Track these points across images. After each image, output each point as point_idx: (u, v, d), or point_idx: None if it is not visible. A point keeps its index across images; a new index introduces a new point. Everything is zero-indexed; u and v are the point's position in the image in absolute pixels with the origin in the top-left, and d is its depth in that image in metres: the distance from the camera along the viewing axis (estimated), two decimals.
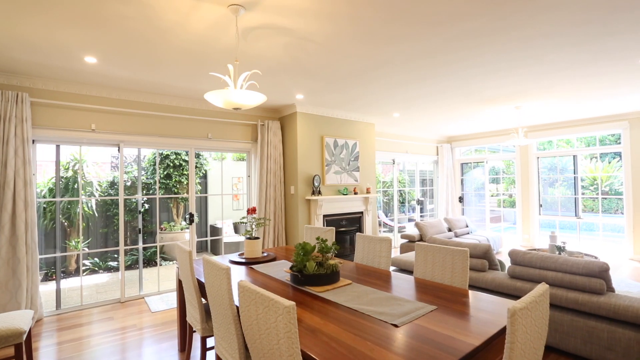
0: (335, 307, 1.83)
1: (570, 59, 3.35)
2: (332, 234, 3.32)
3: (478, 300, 1.93)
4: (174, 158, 7.03)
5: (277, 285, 2.26)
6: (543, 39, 2.88)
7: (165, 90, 4.22)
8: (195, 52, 3.06)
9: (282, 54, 3.15)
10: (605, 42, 2.98)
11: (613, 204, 10.10)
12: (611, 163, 10.91)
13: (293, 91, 4.41)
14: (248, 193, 5.49)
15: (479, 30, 2.70)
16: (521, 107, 5.44)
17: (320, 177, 5.38)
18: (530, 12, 2.42)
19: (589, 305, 2.55)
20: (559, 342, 2.70)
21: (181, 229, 7.04)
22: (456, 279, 2.31)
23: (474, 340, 1.44)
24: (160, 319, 3.63)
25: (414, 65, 3.47)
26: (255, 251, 3.05)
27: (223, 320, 1.86)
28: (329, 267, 2.22)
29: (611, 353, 2.44)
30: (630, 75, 3.89)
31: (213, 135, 4.91)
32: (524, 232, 7.47)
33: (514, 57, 3.30)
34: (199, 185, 7.65)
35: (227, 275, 1.76)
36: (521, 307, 1.19)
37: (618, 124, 6.17)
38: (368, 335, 1.48)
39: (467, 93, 4.55)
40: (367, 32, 2.72)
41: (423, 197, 8.65)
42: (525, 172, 7.48)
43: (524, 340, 1.21)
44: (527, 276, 2.96)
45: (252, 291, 1.42)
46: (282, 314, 1.25)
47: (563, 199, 8.12)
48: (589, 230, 7.87)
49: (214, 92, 2.27)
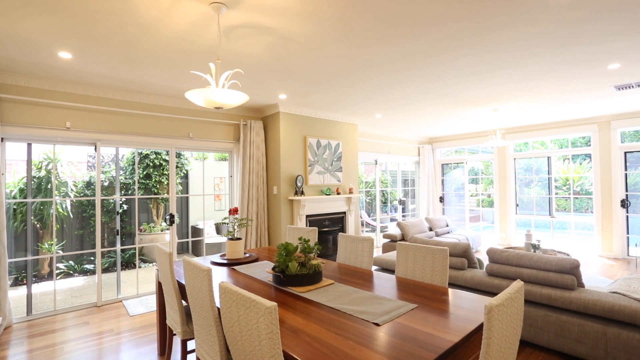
0: (317, 307, 1.83)
1: (544, 64, 3.48)
2: (315, 234, 3.32)
3: (457, 298, 1.97)
4: (153, 158, 6.87)
5: (259, 286, 2.24)
6: (518, 45, 2.98)
7: (144, 88, 4.12)
8: (176, 49, 3.00)
9: (264, 54, 3.13)
10: (577, 50, 3.11)
11: (584, 203, 10.56)
12: (582, 164, 11.40)
13: (276, 91, 4.39)
14: (230, 193, 5.43)
15: (458, 34, 2.76)
16: (499, 110, 5.61)
17: (303, 177, 5.38)
18: (508, 18, 2.50)
19: (561, 301, 2.66)
20: (533, 337, 2.79)
21: (161, 230, 6.89)
22: (436, 277, 2.35)
23: (453, 337, 1.48)
24: (139, 322, 3.54)
25: (395, 66, 3.52)
26: (237, 252, 3.02)
27: (204, 323, 1.84)
28: (311, 267, 2.22)
29: (581, 345, 2.55)
30: (599, 80, 4.07)
31: (194, 135, 4.83)
32: (501, 231, 7.70)
33: (492, 62, 3.39)
34: (179, 185, 7.50)
35: (208, 276, 1.74)
36: (497, 303, 1.23)
37: (588, 127, 6.45)
38: (350, 335, 1.50)
39: (447, 95, 4.65)
40: (349, 33, 2.74)
41: (405, 197, 8.79)
42: (502, 172, 7.71)
43: (500, 335, 1.25)
44: (504, 274, 3.05)
45: (233, 292, 1.41)
46: (264, 314, 1.24)
47: (538, 198, 8.41)
48: (562, 229, 8.19)
49: (195, 90, 2.24)
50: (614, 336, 2.41)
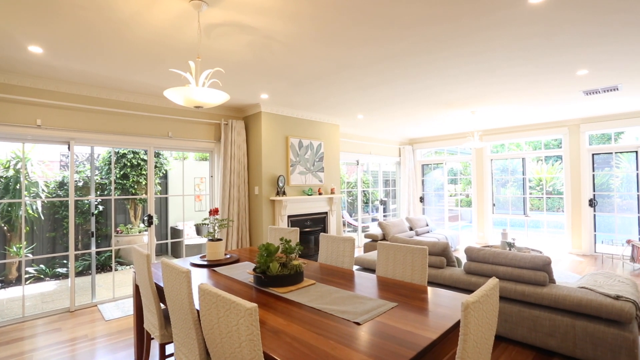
0: (298, 308, 1.83)
1: (519, 69, 3.61)
2: (296, 234, 3.32)
3: (436, 296, 2.02)
4: (131, 157, 6.67)
5: (240, 287, 2.22)
6: (496, 50, 3.07)
7: (121, 85, 4.00)
8: (154, 46, 2.93)
9: (246, 53, 3.10)
10: (549, 56, 3.24)
11: (556, 202, 11.00)
12: (554, 165, 11.88)
13: (258, 91, 4.36)
14: (211, 194, 5.35)
15: (438, 37, 2.83)
16: (476, 112, 5.77)
17: (285, 177, 5.36)
18: (486, 24, 2.58)
19: (534, 296, 2.76)
20: (508, 332, 2.89)
21: (139, 231, 6.70)
22: (416, 276, 2.40)
23: (431, 334, 1.51)
24: (116, 327, 3.44)
25: (377, 68, 3.57)
26: (217, 253, 2.98)
27: (183, 326, 1.80)
28: (292, 267, 2.22)
29: (552, 339, 2.66)
30: (569, 85, 4.25)
31: (174, 134, 4.73)
32: (479, 230, 7.92)
33: (469, 65, 3.49)
34: (158, 185, 7.32)
35: (187, 278, 1.71)
36: (474, 300, 1.26)
37: (560, 130, 6.73)
38: (331, 334, 1.51)
39: (427, 96, 4.75)
40: (331, 34, 2.76)
41: (386, 197, 8.90)
42: (480, 173, 7.93)
43: (476, 331, 1.29)
44: (481, 271, 3.14)
45: (213, 294, 1.39)
46: (244, 316, 1.23)
47: (513, 198, 8.71)
48: (536, 227, 8.51)
49: (174, 89, 2.19)
50: (582, 329, 2.53)
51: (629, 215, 6.35)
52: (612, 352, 2.40)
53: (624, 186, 7.24)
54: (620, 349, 2.37)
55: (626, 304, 2.40)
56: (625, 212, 6.44)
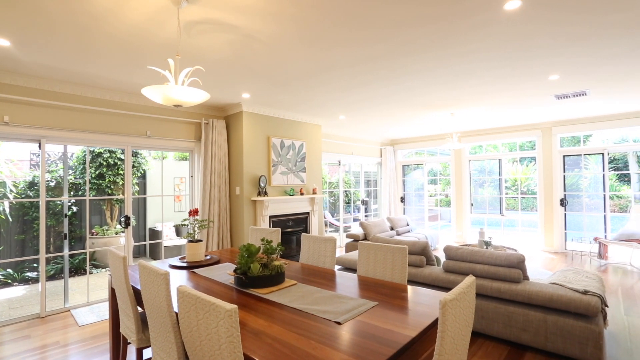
0: (280, 308, 1.83)
1: (495, 73, 3.73)
2: (278, 234, 3.31)
3: (416, 295, 2.06)
4: (107, 156, 6.46)
5: (220, 289, 2.19)
6: (473, 54, 3.16)
7: (97, 82, 3.87)
8: (132, 43, 2.85)
9: (227, 51, 3.07)
10: (523, 61, 3.36)
11: (530, 202, 11.42)
12: (528, 166, 12.33)
13: (239, 90, 4.31)
14: (191, 194, 5.25)
15: (419, 40, 2.88)
16: (455, 114, 5.91)
17: (267, 177, 5.33)
18: (464, 27, 2.65)
19: (509, 293, 2.86)
20: (484, 328, 2.98)
21: (116, 233, 6.50)
22: (396, 275, 2.44)
23: (411, 332, 1.54)
24: (90, 332, 3.32)
25: (359, 69, 3.60)
26: (197, 254, 2.93)
27: (161, 329, 1.76)
28: (273, 268, 2.21)
29: (525, 333, 2.76)
30: (541, 89, 4.43)
31: (152, 133, 4.61)
32: (457, 229, 8.12)
33: (449, 67, 3.58)
34: (136, 185, 7.12)
35: (166, 280, 1.67)
36: (451, 298, 1.30)
37: (533, 132, 6.99)
38: (312, 334, 1.51)
39: (408, 98, 4.83)
40: (313, 35, 2.76)
41: (368, 198, 8.99)
42: (459, 174, 8.13)
43: (453, 328, 1.32)
44: (459, 269, 3.22)
45: (192, 296, 1.37)
46: (224, 318, 1.22)
47: (490, 198, 8.97)
48: (511, 226, 8.80)
49: (152, 87, 2.14)
50: (553, 323, 2.63)
51: (596, 214, 6.66)
52: (580, 344, 2.52)
53: (592, 186, 7.60)
54: (588, 341, 2.49)
55: (593, 298, 2.52)
56: (593, 211, 6.76)
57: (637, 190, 10.15)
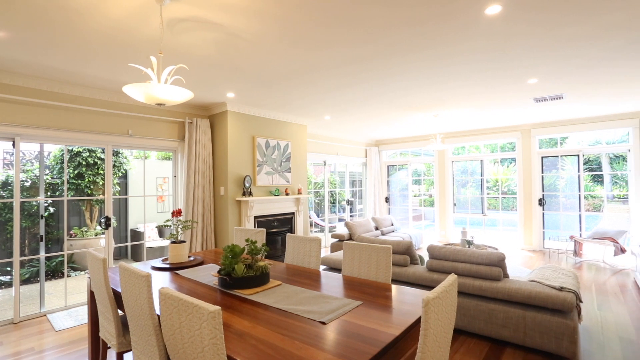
0: (264, 309, 1.82)
1: (477, 75, 3.81)
2: (263, 235, 3.29)
3: (400, 294, 2.08)
4: (87, 156, 6.27)
5: (204, 290, 2.16)
6: (455, 56, 3.23)
7: (76, 79, 3.76)
8: (113, 39, 2.78)
9: (211, 50, 3.03)
10: (503, 64, 3.45)
11: (510, 202, 11.73)
12: (509, 167, 12.67)
13: (223, 89, 4.27)
14: (174, 194, 5.16)
15: (403, 41, 2.92)
16: (439, 115, 6.01)
17: (252, 177, 5.30)
18: (446, 30, 2.70)
19: (490, 291, 2.93)
20: (467, 325, 3.04)
21: (96, 234, 6.32)
22: (380, 274, 2.46)
23: (394, 330, 1.56)
24: (67, 337, 3.22)
25: (344, 70, 3.62)
26: (180, 256, 2.88)
27: (142, 332, 1.73)
28: (258, 268, 2.20)
29: (505, 330, 2.84)
30: (521, 91, 4.56)
31: (134, 132, 4.51)
32: (441, 228, 8.26)
33: (431, 68, 3.64)
34: (117, 186, 6.94)
35: (147, 282, 1.64)
36: (433, 296, 1.32)
37: (513, 134, 7.18)
38: (296, 335, 1.51)
39: (393, 99, 4.88)
40: (298, 35, 2.76)
41: (353, 198, 9.04)
42: (442, 174, 8.28)
43: (436, 326, 1.35)
44: (443, 268, 3.28)
45: (174, 298, 1.35)
46: (207, 319, 1.21)
47: (473, 198, 9.17)
48: (492, 225, 9.01)
49: (134, 85, 2.10)
50: (531, 319, 2.72)
51: (572, 213, 6.90)
52: (556, 338, 2.60)
53: (568, 187, 7.87)
54: (563, 335, 2.58)
55: (568, 294, 2.61)
56: (569, 211, 7.00)
57: (609, 191, 10.57)
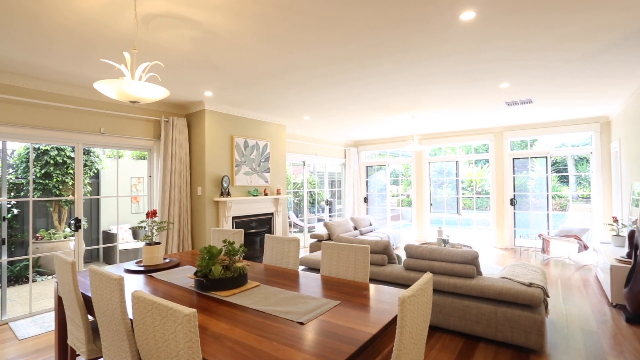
0: (242, 311, 1.80)
1: (452, 79, 3.93)
2: (241, 235, 3.26)
3: (378, 293, 2.11)
4: (55, 154, 5.99)
5: (180, 292, 2.12)
6: (432, 59, 3.31)
7: (42, 73, 3.58)
8: (83, 33, 2.67)
9: (188, 48, 2.97)
10: (476, 68, 3.57)
11: (484, 202, 12.12)
12: (483, 168, 13.10)
13: (201, 88, 4.19)
14: (149, 195, 5.01)
15: (381, 44, 2.96)
16: (416, 117, 6.14)
17: (230, 177, 5.22)
18: (421, 31, 2.76)
19: (464, 288, 3.02)
20: (442, 322, 3.12)
21: (64, 236, 6.04)
22: (358, 274, 2.49)
23: (372, 329, 1.58)
24: (32, 346, 3.06)
25: (322, 71, 3.63)
26: (155, 258, 2.81)
27: (114, 338, 1.67)
28: (236, 270, 2.18)
29: (478, 325, 2.93)
30: (493, 96, 4.73)
31: (107, 130, 4.35)
32: (418, 228, 8.43)
33: (411, 69, 3.71)
34: (88, 186, 6.67)
35: (120, 286, 1.59)
36: (409, 295, 1.35)
37: (487, 136, 7.44)
38: (274, 336, 1.50)
39: (371, 100, 4.94)
40: (276, 35, 2.75)
41: (332, 198, 9.08)
42: (419, 175, 8.45)
43: (412, 323, 1.38)
44: (419, 267, 3.35)
45: (148, 301, 1.31)
46: (182, 323, 1.18)
47: (448, 198, 9.43)
48: (467, 225, 9.30)
49: (106, 81, 2.02)
50: (502, 314, 2.82)
51: (541, 213, 7.22)
52: (525, 332, 2.72)
53: (538, 187, 8.24)
54: (531, 329, 2.70)
55: (536, 290, 2.73)
56: (538, 210, 7.32)
57: (574, 191, 11.13)
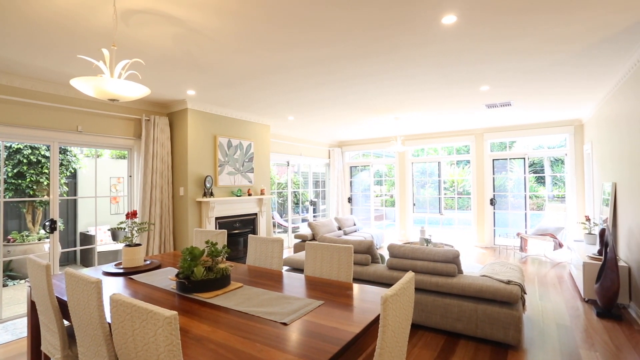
0: (225, 312, 1.78)
1: (434, 81, 4.00)
2: (224, 236, 3.22)
3: (361, 292, 2.13)
4: (29, 153, 5.76)
5: (161, 295, 2.08)
6: (415, 59, 3.36)
7: (14, 68, 3.44)
8: (60, 28, 2.58)
9: (170, 45, 2.91)
10: (458, 71, 3.64)
11: (465, 202, 12.40)
12: (464, 169, 13.39)
13: (184, 86, 4.12)
14: (130, 195, 4.89)
15: (366, 45, 2.99)
16: (400, 118, 6.22)
17: (213, 178, 5.16)
18: (408, 37, 2.80)
19: (445, 287, 3.08)
20: (424, 320, 3.18)
21: (39, 239, 5.81)
22: (342, 274, 2.50)
23: (355, 328, 1.59)
24: (2, 354, 2.93)
25: (306, 71, 3.63)
26: (135, 260, 2.74)
27: (92, 343, 1.62)
28: (219, 271, 2.15)
29: (459, 323, 3.00)
30: (474, 99, 4.84)
31: (85, 129, 4.21)
32: (401, 228, 8.54)
33: (393, 72, 3.76)
34: (65, 186, 6.44)
35: (98, 289, 1.54)
36: (392, 294, 1.37)
37: (468, 138, 7.61)
38: (257, 337, 1.50)
39: (354, 101, 4.98)
40: (257, 34, 2.73)
41: (316, 198, 9.09)
42: (402, 175, 8.56)
43: (394, 322, 1.39)
44: (402, 266, 3.40)
45: (126, 304, 1.28)
46: (162, 325, 1.16)
47: (431, 198, 9.58)
48: (449, 224, 9.48)
49: (83, 78, 1.96)
50: (482, 311, 2.90)
51: (519, 212, 7.44)
52: (504, 328, 2.80)
53: (516, 187, 8.48)
54: (510, 325, 2.78)
55: (514, 287, 2.82)
56: (517, 210, 7.54)
57: (550, 191, 11.53)
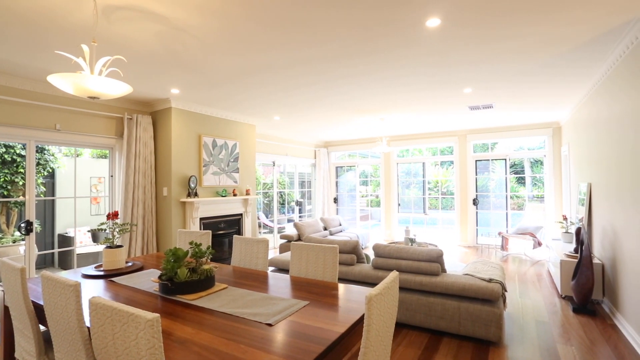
0: (209, 314, 1.76)
1: (419, 82, 4.05)
2: (208, 237, 3.18)
3: (347, 292, 2.14)
4: (2, 152, 5.56)
5: (143, 297, 2.03)
6: (399, 61, 3.40)
7: None
8: (37, 22, 2.50)
9: (153, 43, 2.86)
10: (442, 73, 3.71)
11: (449, 202, 12.62)
12: (448, 169, 13.63)
13: (167, 85, 4.04)
14: (111, 195, 4.77)
15: (352, 46, 3.01)
16: (385, 119, 6.28)
17: (197, 178, 5.09)
18: (394, 38, 2.83)
19: (429, 285, 3.13)
20: (409, 319, 3.22)
21: (14, 241, 5.62)
22: (327, 274, 2.51)
23: (340, 328, 1.60)
24: None
25: (291, 72, 3.63)
26: (116, 261, 2.68)
27: (70, 348, 1.58)
28: (203, 272, 2.12)
29: (443, 321, 3.05)
30: (458, 100, 4.94)
31: (63, 127, 4.09)
32: (386, 227, 8.62)
33: (378, 73, 3.79)
34: (42, 186, 6.23)
35: (76, 292, 1.50)
36: (376, 293, 1.38)
37: (452, 139, 7.74)
38: (242, 338, 1.49)
39: (340, 101, 5.00)
40: (240, 33, 2.71)
41: (302, 198, 9.08)
42: (388, 175, 8.65)
43: (378, 321, 1.41)
44: (387, 266, 3.43)
45: (106, 307, 1.25)
46: (144, 328, 1.14)
47: (415, 198, 9.71)
48: (433, 224, 9.63)
49: (61, 74, 1.90)
50: (465, 309, 2.95)
51: (501, 212, 7.63)
52: (486, 325, 2.86)
53: (498, 188, 8.69)
54: (491, 322, 2.84)
55: (495, 285, 2.88)
56: (498, 209, 7.73)
57: (530, 191, 11.86)
